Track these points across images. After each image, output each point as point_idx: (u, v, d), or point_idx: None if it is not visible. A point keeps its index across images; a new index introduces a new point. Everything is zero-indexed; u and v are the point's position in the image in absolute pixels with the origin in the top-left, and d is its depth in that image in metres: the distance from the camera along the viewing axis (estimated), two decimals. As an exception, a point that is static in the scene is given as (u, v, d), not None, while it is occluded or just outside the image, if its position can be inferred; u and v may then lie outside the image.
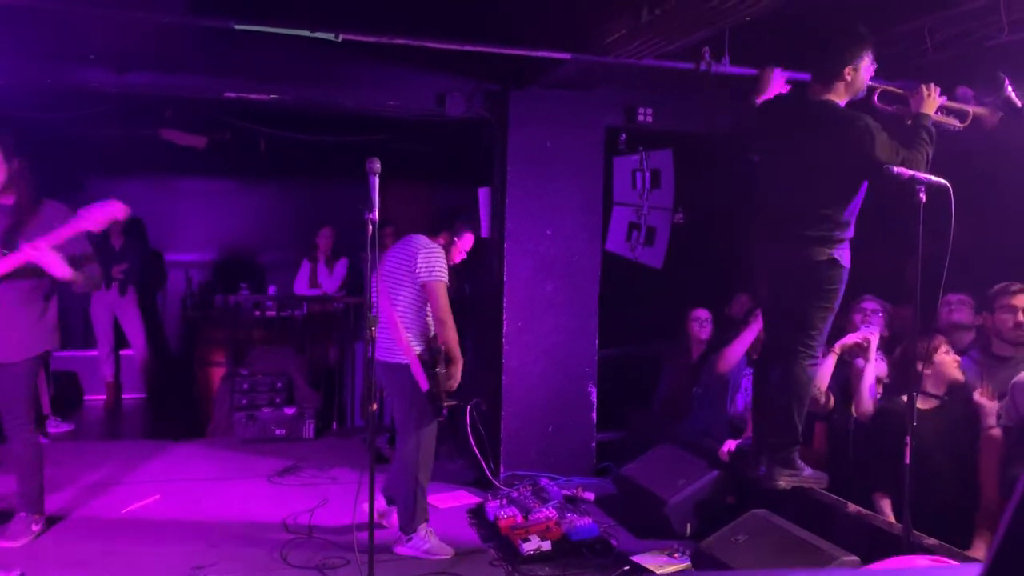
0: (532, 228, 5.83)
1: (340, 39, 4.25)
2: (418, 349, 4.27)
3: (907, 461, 3.18)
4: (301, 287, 7.95)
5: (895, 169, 3.22)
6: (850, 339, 4.43)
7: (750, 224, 4.10)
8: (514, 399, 5.81)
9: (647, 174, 6.31)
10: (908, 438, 3.23)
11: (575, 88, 5.67)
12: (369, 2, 4.59)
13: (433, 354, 4.22)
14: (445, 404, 4.22)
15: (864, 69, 3.68)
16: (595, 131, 5.95)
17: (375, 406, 3.64)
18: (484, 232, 6.02)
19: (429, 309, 4.32)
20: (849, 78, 3.66)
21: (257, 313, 7.66)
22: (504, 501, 5.00)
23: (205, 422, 7.07)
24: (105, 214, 3.99)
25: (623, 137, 6.21)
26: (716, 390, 5.44)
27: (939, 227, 3.19)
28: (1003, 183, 4.72)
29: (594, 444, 6.01)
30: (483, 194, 6.11)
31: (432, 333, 4.32)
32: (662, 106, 5.92)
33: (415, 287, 4.29)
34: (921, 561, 1.87)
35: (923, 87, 3.70)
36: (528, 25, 4.92)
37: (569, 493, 5.38)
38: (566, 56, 4.72)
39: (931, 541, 3.46)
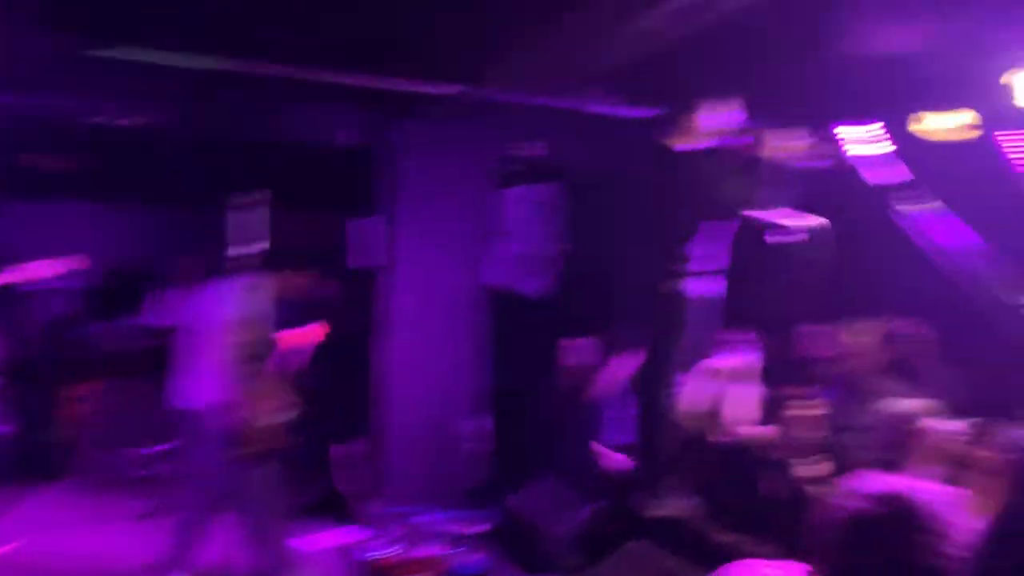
0: (420, 259, 5.79)
1: (218, 67, 4.13)
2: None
3: (765, 493, 3.27)
4: (164, 318, 7.57)
5: (755, 213, 3.35)
6: (724, 365, 4.51)
7: (624, 257, 4.20)
8: (399, 434, 5.72)
9: (536, 205, 6.37)
10: (778, 473, 3.33)
11: (465, 119, 5.68)
12: (252, 31, 4.48)
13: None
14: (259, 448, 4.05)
15: (710, 116, 3.76)
16: (484, 162, 5.98)
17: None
18: (372, 263, 5.94)
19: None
20: (695, 127, 3.74)
21: (124, 345, 7.27)
22: (386, 539, 4.89)
23: (67, 462, 6.65)
24: None
25: (512, 169, 6.26)
26: (593, 419, 5.49)
27: (803, 261, 3.33)
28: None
29: (481, 477, 5.96)
30: (370, 224, 6.03)
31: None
32: (552, 139, 5.98)
33: (237, 325, 4.12)
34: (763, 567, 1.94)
35: (765, 130, 3.80)
36: (419, 57, 4.91)
37: (455, 528, 5.31)
38: (455, 90, 4.73)
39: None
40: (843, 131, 3.74)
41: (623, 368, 5.22)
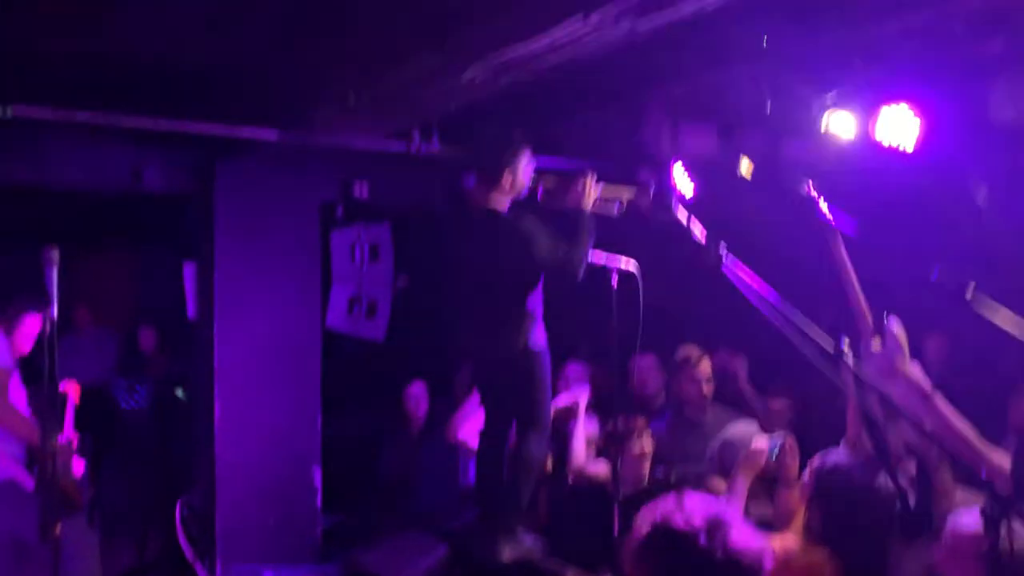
0: (245, 306, 5.55)
1: (10, 115, 3.81)
2: None
3: (615, 532, 3.37)
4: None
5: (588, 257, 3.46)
6: (559, 403, 4.63)
7: (461, 301, 4.19)
8: (231, 489, 5.44)
9: (365, 247, 6.28)
10: (616, 507, 3.44)
11: (287, 163, 5.53)
12: (50, 77, 4.18)
13: None
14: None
15: (522, 171, 3.82)
16: (310, 205, 5.83)
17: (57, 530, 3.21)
18: (190, 312, 5.64)
19: None
20: (508, 182, 3.79)
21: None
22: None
23: None
24: None
25: (340, 211, 6.15)
26: (445, 463, 5.46)
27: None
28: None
29: (320, 530, 5.78)
30: (188, 270, 5.74)
31: None
32: (378, 181, 5.93)
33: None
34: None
35: (580, 180, 3.88)
36: (235, 101, 4.74)
37: (295, 585, 5.11)
38: (272, 134, 4.59)
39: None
40: (674, 172, 3.91)
41: (468, 412, 5.21)
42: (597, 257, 3.65)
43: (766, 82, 3.88)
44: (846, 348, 1.97)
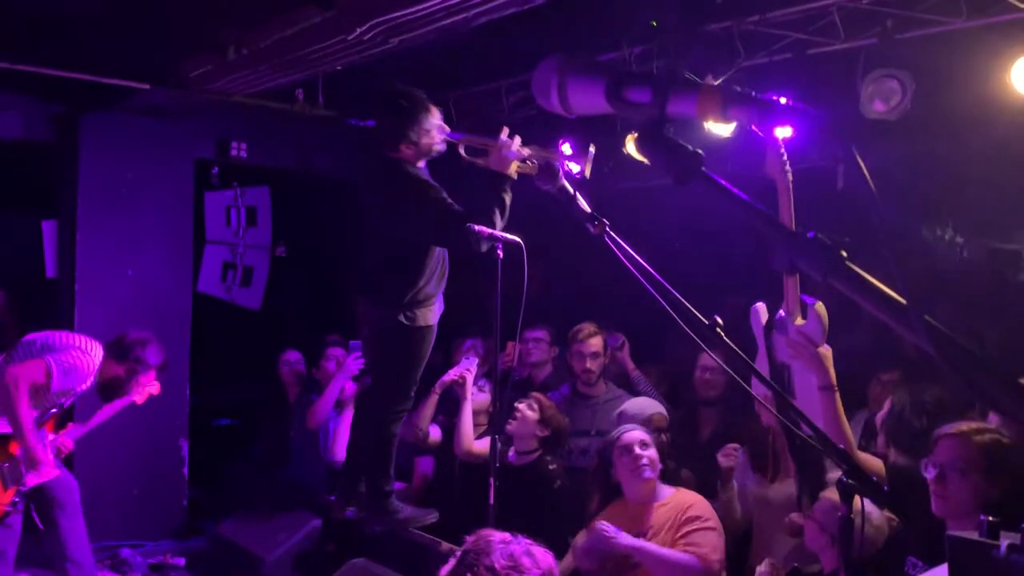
0: (109, 268, 5.24)
1: None
2: None
3: (491, 501, 3.37)
4: None
5: (475, 227, 3.40)
6: (448, 377, 4.56)
7: (350, 274, 4.07)
8: (90, 463, 5.14)
9: (242, 211, 6.03)
10: (492, 479, 3.43)
11: (160, 116, 5.22)
12: None
13: None
14: None
15: (431, 130, 3.70)
16: (184, 163, 5.55)
17: None
18: (50, 272, 5.28)
19: None
20: (415, 140, 3.67)
21: None
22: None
23: None
24: None
25: (216, 171, 5.87)
26: (311, 437, 5.33)
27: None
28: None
29: (186, 502, 5.56)
30: (48, 229, 5.36)
31: None
32: (257, 141, 5.69)
33: None
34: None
35: (499, 142, 3.78)
36: (104, 49, 4.43)
37: (156, 561, 4.92)
38: (143, 86, 4.32)
39: None
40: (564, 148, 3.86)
41: (335, 390, 5.08)
42: (483, 229, 3.59)
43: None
44: (720, 322, 2.01)
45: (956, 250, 4.98)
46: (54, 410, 3.97)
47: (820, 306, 2.75)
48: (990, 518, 1.29)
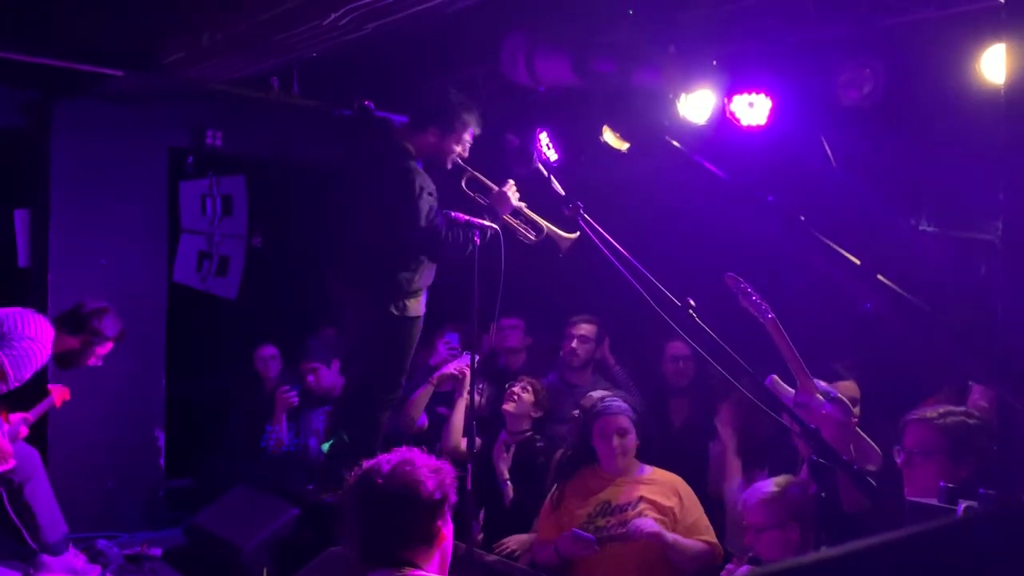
0: (83, 257, 5.19)
1: None
2: None
3: (468, 487, 3.39)
4: None
5: (453, 213, 3.41)
6: (447, 370, 4.52)
7: (331, 262, 4.05)
8: (65, 453, 5.10)
9: (218, 200, 5.98)
10: (469, 465, 3.46)
11: (134, 103, 5.17)
12: None
13: None
14: None
15: (453, 139, 3.66)
16: (158, 151, 5.49)
17: None
18: (22, 262, 5.22)
19: None
20: (440, 133, 3.63)
21: None
22: (50, 573, 4.35)
23: None
24: None
25: (191, 160, 5.81)
26: (288, 426, 5.31)
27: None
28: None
29: (163, 493, 5.53)
30: (20, 217, 5.29)
31: None
32: (233, 130, 5.64)
33: None
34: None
35: (503, 188, 3.73)
36: (76, 34, 4.37)
37: (133, 552, 4.88)
38: (117, 72, 4.27)
39: (491, 558, 3.72)
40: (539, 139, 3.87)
41: (323, 374, 5.08)
42: (460, 215, 3.59)
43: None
44: (692, 304, 2.04)
45: (929, 240, 5.03)
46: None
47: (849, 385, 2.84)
48: (949, 485, 1.31)
